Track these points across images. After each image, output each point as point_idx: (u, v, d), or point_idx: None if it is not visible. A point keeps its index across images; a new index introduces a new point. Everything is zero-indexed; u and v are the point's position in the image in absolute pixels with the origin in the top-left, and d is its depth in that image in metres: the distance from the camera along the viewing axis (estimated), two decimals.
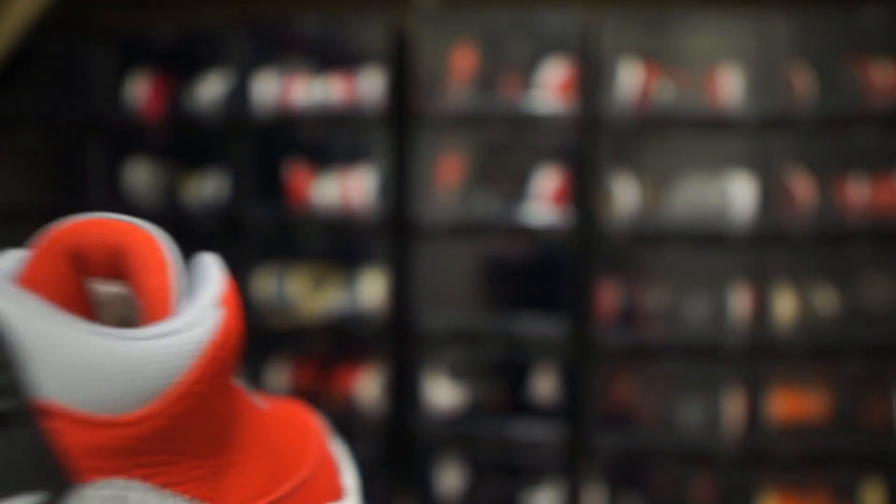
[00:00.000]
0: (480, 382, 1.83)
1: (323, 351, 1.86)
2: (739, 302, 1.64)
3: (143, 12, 2.36)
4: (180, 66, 1.95)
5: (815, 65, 1.62)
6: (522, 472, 1.83)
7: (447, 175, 1.76)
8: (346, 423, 1.82)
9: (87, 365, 0.18)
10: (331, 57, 1.94)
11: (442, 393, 1.78)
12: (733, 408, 1.65)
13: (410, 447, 1.81)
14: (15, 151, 2.05)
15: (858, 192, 1.61)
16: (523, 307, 1.87)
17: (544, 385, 1.77)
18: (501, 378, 1.85)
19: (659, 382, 1.76)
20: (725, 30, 1.63)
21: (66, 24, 2.37)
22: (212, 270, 0.23)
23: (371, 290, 1.78)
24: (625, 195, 1.64)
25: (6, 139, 2.00)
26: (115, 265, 0.21)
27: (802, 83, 1.60)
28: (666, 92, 1.62)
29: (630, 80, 1.62)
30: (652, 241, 1.63)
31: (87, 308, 0.22)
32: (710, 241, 1.61)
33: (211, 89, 1.85)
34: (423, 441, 1.80)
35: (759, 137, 1.58)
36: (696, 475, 1.74)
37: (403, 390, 1.84)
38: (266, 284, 1.84)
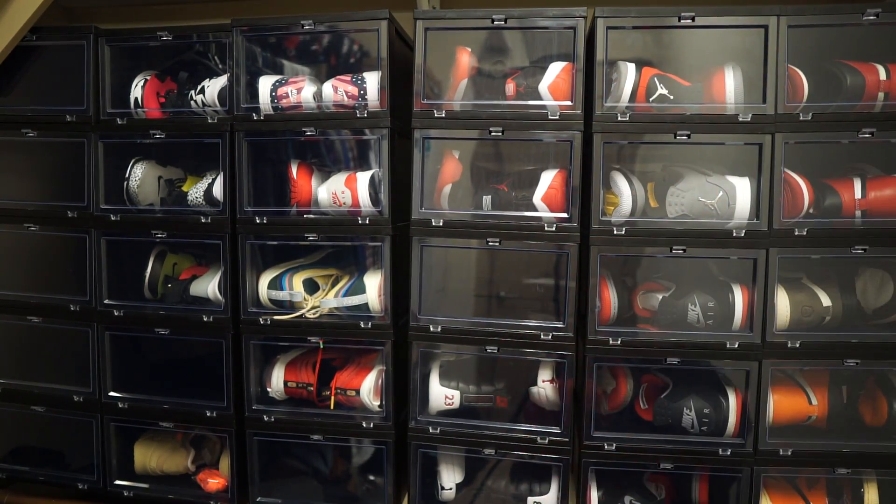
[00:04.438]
0: (480, 382, 1.83)
1: (324, 351, 1.86)
2: (739, 302, 1.64)
3: (144, 12, 2.37)
4: (180, 66, 1.95)
5: (815, 65, 1.62)
6: (522, 471, 1.83)
7: (447, 175, 1.76)
8: (348, 424, 1.83)
9: None
10: (331, 57, 1.94)
11: (442, 393, 1.78)
12: (733, 406, 1.65)
13: (410, 447, 1.81)
14: (15, 151, 2.05)
15: (858, 192, 1.61)
16: (523, 307, 1.88)
17: (544, 385, 1.77)
18: (501, 378, 1.85)
19: (658, 382, 1.76)
20: (725, 30, 1.63)
21: (66, 24, 2.37)
22: None
23: (371, 290, 1.78)
24: (625, 195, 1.64)
25: (6, 139, 2.00)
26: None
27: (802, 83, 1.60)
28: (666, 92, 1.62)
29: (630, 80, 1.62)
30: (652, 241, 1.63)
31: None
32: (711, 241, 1.61)
33: (211, 89, 1.85)
34: (423, 441, 1.80)
35: (758, 137, 1.58)
36: (697, 475, 1.74)
37: (403, 390, 1.84)
38: (268, 284, 1.84)
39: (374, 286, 1.78)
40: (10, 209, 1.98)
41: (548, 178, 1.69)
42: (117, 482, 1.98)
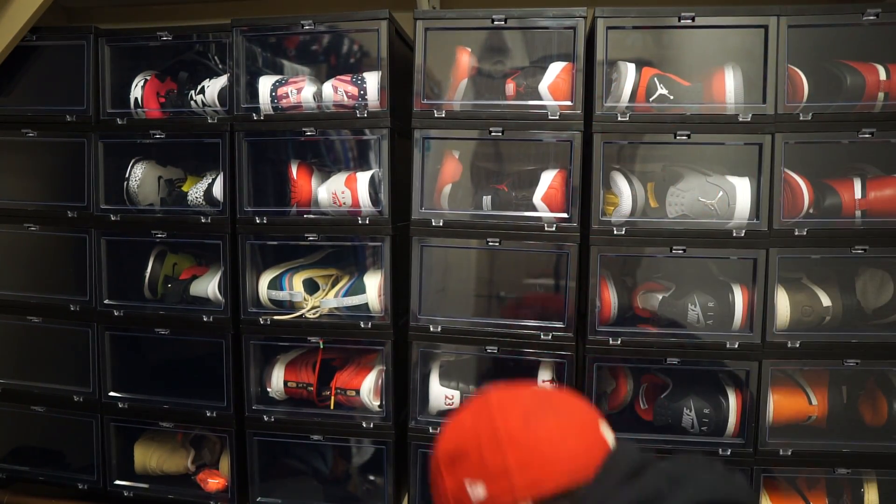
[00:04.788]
0: (480, 382, 1.83)
1: (324, 351, 1.86)
2: (739, 302, 1.64)
3: (143, 12, 2.37)
4: (180, 66, 1.95)
5: (815, 65, 1.62)
6: None
7: (447, 175, 1.76)
8: (348, 424, 1.83)
9: None
10: (331, 57, 1.94)
11: (442, 393, 1.78)
12: (733, 406, 1.65)
13: (410, 447, 1.81)
14: (15, 151, 2.05)
15: (858, 192, 1.61)
16: (523, 307, 1.88)
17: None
18: (501, 378, 1.85)
19: (658, 382, 1.76)
20: (725, 30, 1.63)
21: (66, 24, 2.37)
22: None
23: (371, 290, 1.78)
24: (625, 195, 1.64)
25: (6, 139, 2.00)
26: None
27: (802, 83, 1.60)
28: (666, 92, 1.62)
29: (630, 80, 1.62)
30: (652, 241, 1.63)
31: None
32: (710, 241, 1.61)
33: (211, 89, 1.85)
34: (423, 441, 1.80)
35: (758, 137, 1.58)
36: None
37: (403, 390, 1.84)
38: (268, 284, 1.84)
39: (374, 286, 1.78)
40: (10, 209, 1.98)
41: (548, 178, 1.69)
42: (117, 482, 1.98)
